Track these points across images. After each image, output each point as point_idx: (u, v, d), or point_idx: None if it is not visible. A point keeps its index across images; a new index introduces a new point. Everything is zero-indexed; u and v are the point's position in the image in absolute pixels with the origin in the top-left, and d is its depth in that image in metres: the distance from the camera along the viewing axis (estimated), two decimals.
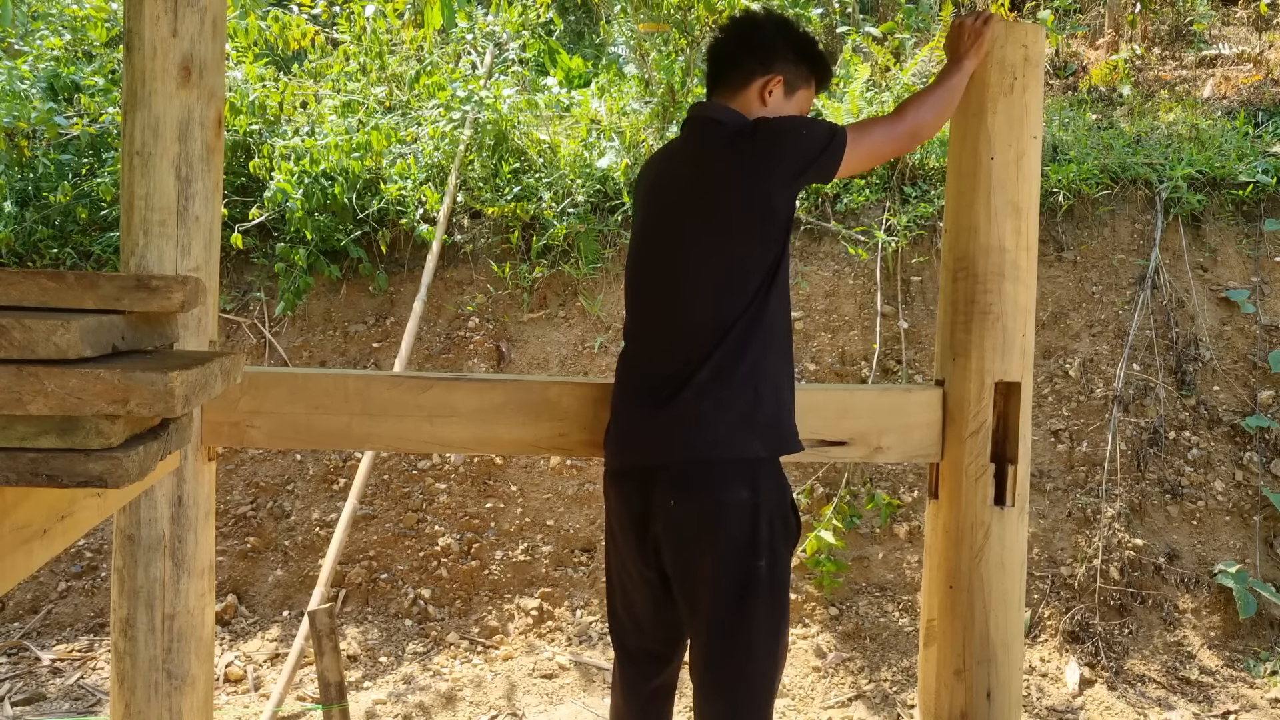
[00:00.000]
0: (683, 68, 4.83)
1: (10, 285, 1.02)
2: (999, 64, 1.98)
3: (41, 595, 3.84)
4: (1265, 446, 3.93)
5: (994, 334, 1.96)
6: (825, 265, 4.37)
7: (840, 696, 3.39)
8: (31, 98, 4.79)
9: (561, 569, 3.88)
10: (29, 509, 1.10)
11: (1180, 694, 3.41)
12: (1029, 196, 1.98)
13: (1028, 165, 1.98)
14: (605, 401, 1.97)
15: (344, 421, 1.99)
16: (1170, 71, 6.08)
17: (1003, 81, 1.97)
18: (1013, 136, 1.97)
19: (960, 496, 1.97)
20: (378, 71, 4.97)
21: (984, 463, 1.96)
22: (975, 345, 1.97)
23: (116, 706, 1.92)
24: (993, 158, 1.97)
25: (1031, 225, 2.00)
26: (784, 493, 1.84)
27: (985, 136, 1.97)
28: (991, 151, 1.97)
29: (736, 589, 1.78)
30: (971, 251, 1.97)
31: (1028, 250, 1.99)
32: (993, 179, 1.96)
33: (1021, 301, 1.98)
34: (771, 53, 1.95)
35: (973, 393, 1.96)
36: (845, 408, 2.05)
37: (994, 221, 1.96)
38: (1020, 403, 1.97)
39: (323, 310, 4.41)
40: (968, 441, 1.97)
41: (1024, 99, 1.98)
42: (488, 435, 2.01)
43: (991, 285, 1.96)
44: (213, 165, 1.89)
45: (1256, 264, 4.29)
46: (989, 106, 1.98)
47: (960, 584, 1.96)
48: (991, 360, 1.96)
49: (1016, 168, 1.97)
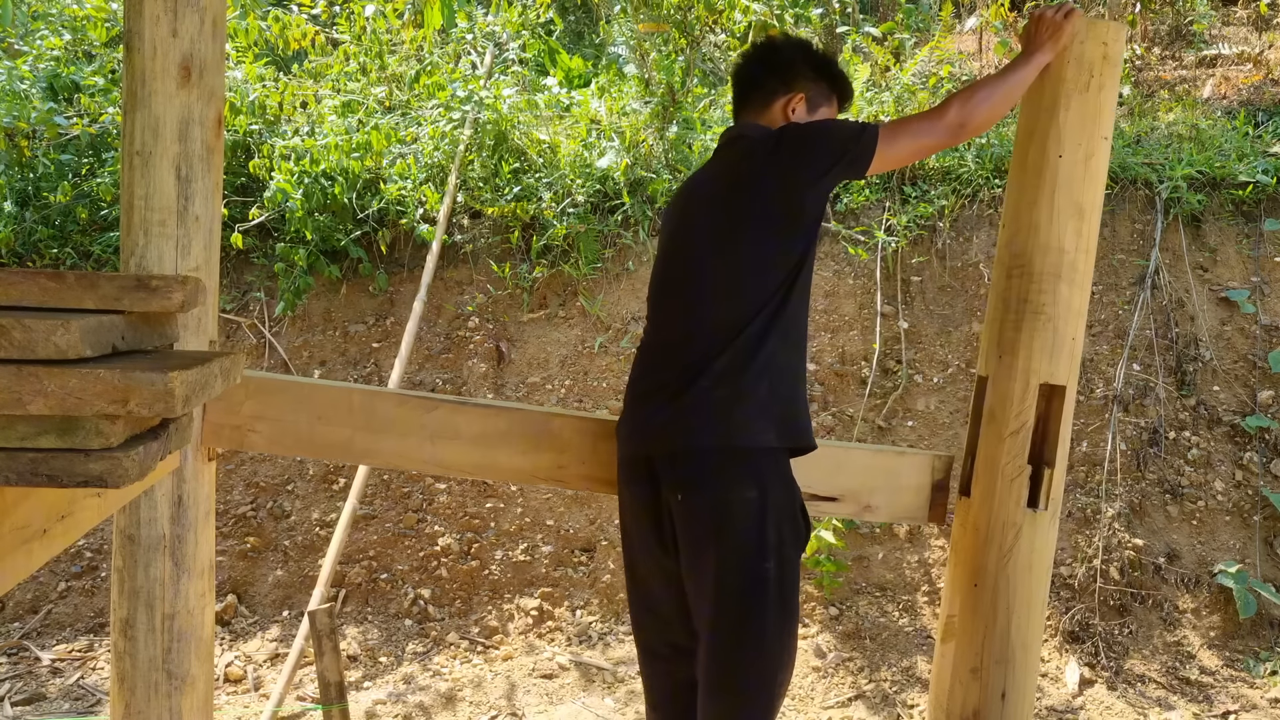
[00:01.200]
0: (683, 68, 4.83)
1: (10, 285, 1.02)
2: (1077, 60, 1.91)
3: (41, 595, 3.84)
4: (1265, 446, 3.93)
5: (1044, 335, 1.92)
6: (825, 265, 4.37)
7: (840, 696, 3.39)
8: (31, 98, 4.79)
9: (561, 569, 3.88)
10: (29, 509, 1.10)
11: (1180, 694, 3.41)
12: (1094, 198, 1.93)
13: (1096, 166, 1.93)
14: (606, 437, 2.00)
15: (346, 434, 2.00)
16: (1170, 71, 6.08)
17: (1079, 78, 1.91)
18: (1084, 136, 1.91)
19: (994, 495, 1.95)
20: (378, 71, 4.97)
21: (1021, 463, 1.93)
22: (1024, 344, 1.92)
23: (116, 706, 1.92)
24: (1061, 155, 1.91)
25: (1093, 228, 1.95)
26: (793, 493, 1.83)
27: (1055, 133, 1.91)
28: (1061, 149, 1.91)
29: (742, 591, 1.77)
30: (1030, 249, 1.92)
31: (1086, 253, 1.94)
32: (1059, 178, 1.91)
33: (1075, 305, 1.93)
34: (791, 71, 1.97)
35: (1016, 392, 1.93)
36: (839, 464, 2.07)
37: (1055, 221, 1.91)
38: (1064, 406, 1.93)
39: (323, 310, 4.41)
40: (1007, 440, 1.94)
41: (1099, 98, 1.92)
42: (488, 461, 2.02)
43: (1047, 285, 1.91)
44: (213, 165, 1.89)
45: (1256, 264, 4.29)
46: (1062, 103, 1.91)
47: (985, 583, 1.95)
48: (1039, 361, 1.92)
49: (1084, 168, 1.91)
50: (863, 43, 5.21)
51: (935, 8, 6.00)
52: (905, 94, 4.64)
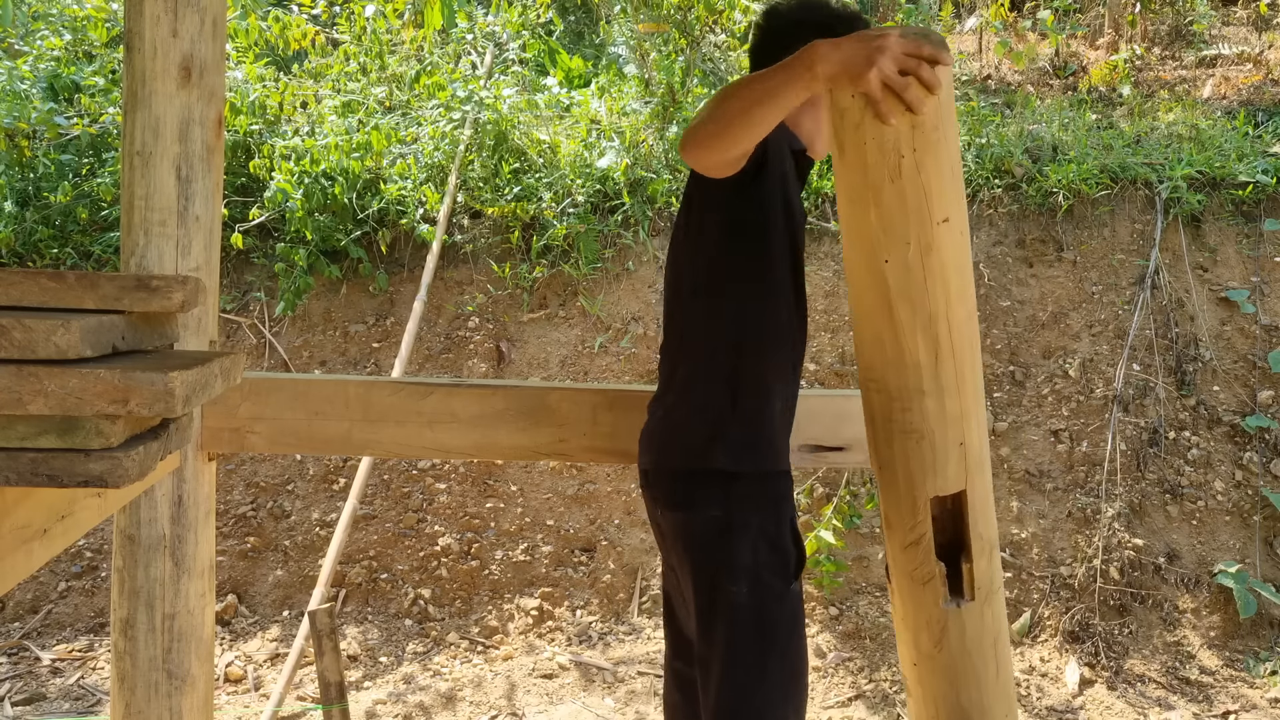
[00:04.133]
0: (683, 68, 4.83)
1: (10, 285, 1.02)
2: (876, 143, 1.39)
3: (41, 595, 3.84)
4: (1265, 446, 3.93)
5: (920, 452, 1.59)
6: (825, 265, 4.37)
7: (840, 696, 3.39)
8: (32, 98, 4.79)
9: (561, 569, 3.88)
10: (29, 509, 1.10)
11: (1180, 694, 3.41)
12: (950, 297, 1.51)
13: (941, 259, 1.47)
14: (605, 407, 1.98)
15: (344, 427, 1.99)
16: (1170, 71, 6.08)
17: (883, 164, 1.40)
18: (910, 230, 1.44)
19: (910, 596, 1.74)
20: (378, 71, 4.97)
21: (929, 569, 1.68)
22: (900, 463, 1.61)
23: (116, 706, 1.92)
24: (886, 261, 1.47)
25: (958, 325, 1.53)
26: (771, 514, 1.68)
27: (870, 236, 1.48)
28: (884, 254, 1.47)
29: (709, 614, 1.65)
30: (880, 365, 1.57)
31: (955, 355, 1.54)
32: (891, 286, 1.48)
33: (954, 410, 1.57)
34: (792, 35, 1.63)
35: (905, 506, 1.64)
36: (842, 414, 2.02)
37: (902, 334, 1.52)
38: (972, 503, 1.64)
39: (323, 310, 4.41)
40: (907, 551, 1.69)
41: (919, 179, 1.41)
42: (488, 441, 2.01)
43: (911, 403, 1.56)
44: (213, 165, 1.89)
45: (1256, 264, 4.29)
46: (870, 198, 1.44)
47: (924, 664, 1.80)
48: (921, 478, 1.61)
49: (923, 266, 1.46)
50: None
51: (935, 8, 6.01)
52: None
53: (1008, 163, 4.52)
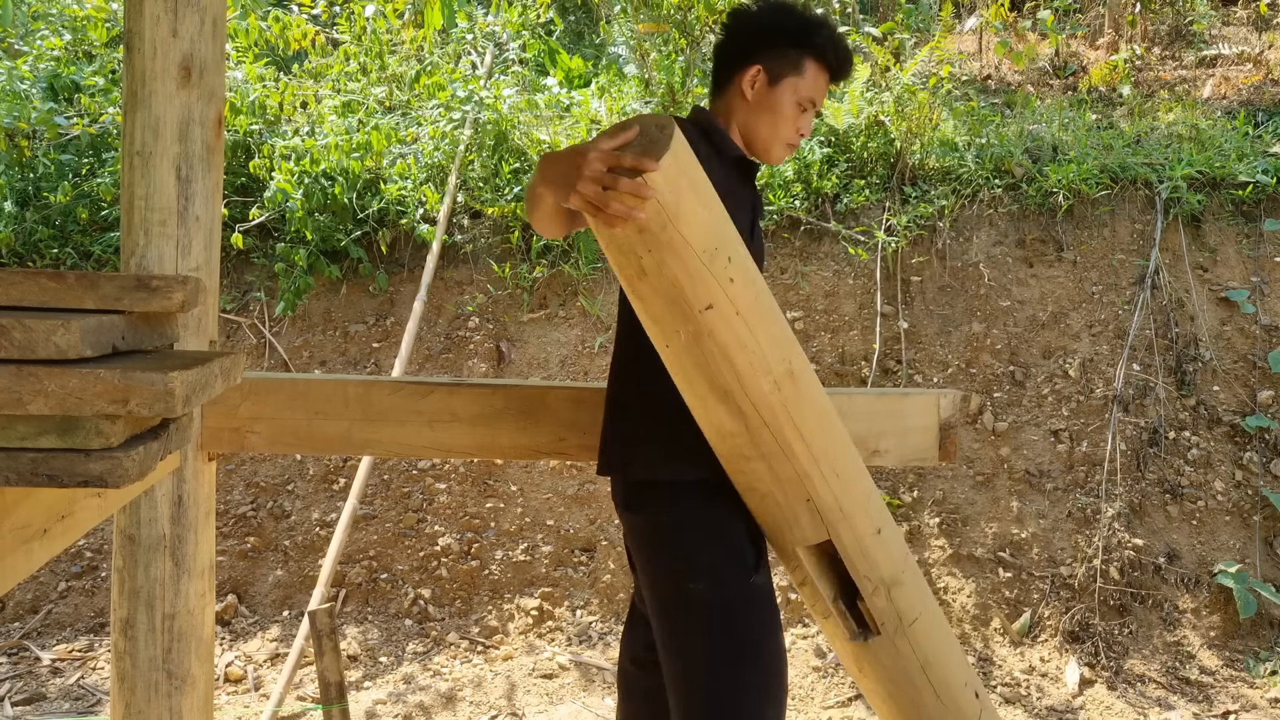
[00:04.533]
0: (683, 68, 4.83)
1: (10, 285, 1.02)
2: (616, 245, 1.38)
3: (41, 595, 3.84)
4: (1265, 446, 3.93)
5: (768, 508, 1.66)
6: (825, 265, 4.37)
7: (840, 696, 3.39)
8: (32, 98, 4.79)
9: (561, 569, 3.88)
10: (29, 509, 1.10)
11: (1180, 694, 3.41)
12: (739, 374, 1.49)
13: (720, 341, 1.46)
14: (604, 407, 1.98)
15: (344, 427, 1.99)
16: (1170, 71, 6.08)
17: (629, 264, 1.39)
18: (678, 321, 1.44)
19: (825, 630, 1.84)
20: (378, 71, 4.97)
21: (823, 607, 1.76)
22: (760, 517, 1.70)
23: (116, 706, 1.92)
24: (668, 346, 1.50)
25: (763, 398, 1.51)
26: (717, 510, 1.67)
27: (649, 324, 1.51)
28: (664, 341, 1.50)
29: (668, 613, 1.66)
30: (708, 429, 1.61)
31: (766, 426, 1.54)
32: (681, 368, 1.53)
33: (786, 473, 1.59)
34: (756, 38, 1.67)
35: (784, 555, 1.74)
36: (843, 410, 2.02)
37: (707, 408, 1.54)
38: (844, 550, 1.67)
39: (323, 310, 4.41)
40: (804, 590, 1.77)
41: (662, 277, 1.39)
42: (488, 441, 2.01)
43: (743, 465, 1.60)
44: (213, 165, 1.89)
45: (1256, 264, 4.29)
46: (632, 292, 1.47)
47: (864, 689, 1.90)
48: (778, 531, 1.68)
49: (702, 352, 1.47)
50: (863, 43, 5.21)
51: (935, 8, 6.01)
52: (905, 94, 4.64)
53: (1008, 163, 4.52)
